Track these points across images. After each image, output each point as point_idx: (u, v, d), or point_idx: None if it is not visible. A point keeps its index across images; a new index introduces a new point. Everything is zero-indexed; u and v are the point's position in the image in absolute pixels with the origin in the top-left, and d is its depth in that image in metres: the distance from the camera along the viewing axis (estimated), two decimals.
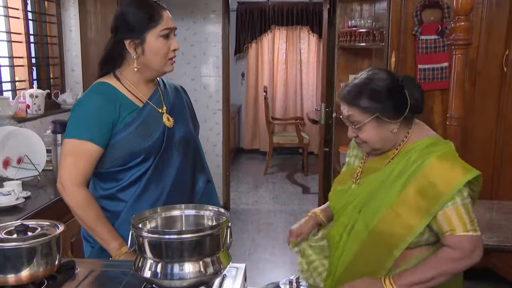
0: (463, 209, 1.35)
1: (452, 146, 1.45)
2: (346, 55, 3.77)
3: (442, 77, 2.97)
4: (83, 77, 3.79)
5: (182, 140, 1.61)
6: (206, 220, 1.20)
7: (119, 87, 1.54)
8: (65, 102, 3.58)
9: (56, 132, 2.40)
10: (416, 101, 1.45)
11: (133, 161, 1.51)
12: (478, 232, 1.37)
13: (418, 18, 2.94)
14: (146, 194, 1.53)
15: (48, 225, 1.19)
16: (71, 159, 1.46)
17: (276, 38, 7.27)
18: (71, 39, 3.81)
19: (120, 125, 1.49)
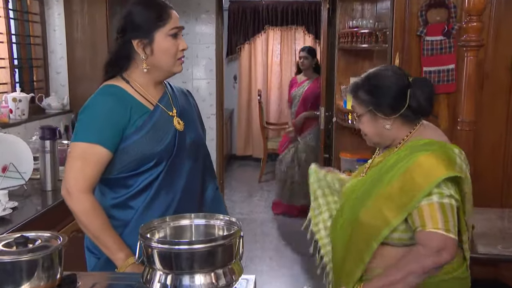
0: (438, 207, 1.38)
1: (447, 148, 1.49)
2: (346, 57, 3.81)
3: (449, 80, 3.01)
4: (69, 80, 3.79)
5: (193, 144, 1.64)
6: (217, 229, 1.21)
7: (128, 90, 1.55)
8: (50, 106, 3.57)
9: (44, 138, 2.39)
10: (418, 103, 1.52)
11: (145, 166, 1.52)
12: (452, 235, 1.37)
13: (423, 18, 2.98)
14: (157, 201, 1.54)
15: (49, 236, 1.19)
16: (78, 163, 1.47)
17: (270, 39, 7.31)
18: (55, 39, 3.81)
19: (131, 129, 1.50)
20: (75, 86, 3.78)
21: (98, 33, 3.71)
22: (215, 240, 1.10)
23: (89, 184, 1.47)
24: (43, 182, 2.45)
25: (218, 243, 1.10)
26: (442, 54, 2.99)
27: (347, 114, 3.53)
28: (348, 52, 3.76)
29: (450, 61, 2.98)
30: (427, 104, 1.53)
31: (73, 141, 1.51)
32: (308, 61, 4.76)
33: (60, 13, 3.77)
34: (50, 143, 2.40)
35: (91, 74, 3.74)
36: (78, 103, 3.74)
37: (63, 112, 3.66)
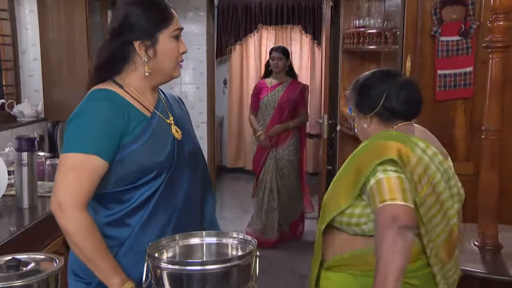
0: (385, 181, 1.48)
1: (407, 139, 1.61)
2: (351, 60, 3.86)
3: (466, 84, 3.07)
4: (43, 84, 3.77)
5: (191, 154, 1.65)
6: (230, 249, 1.21)
7: (123, 95, 1.56)
8: (22, 114, 3.56)
9: (21, 150, 2.38)
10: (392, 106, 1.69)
11: (144, 178, 1.53)
12: (398, 201, 1.43)
13: (437, 17, 3.03)
14: (155, 217, 1.54)
15: (43, 259, 1.19)
16: (72, 176, 1.46)
17: (263, 39, 7.37)
18: (27, 39, 3.80)
19: (128, 137, 1.51)
20: (50, 92, 3.77)
21: (76, 32, 3.71)
22: (230, 260, 1.11)
23: (85, 199, 1.46)
24: (19, 198, 2.43)
25: (234, 263, 1.11)
26: (459, 56, 3.04)
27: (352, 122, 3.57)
28: (353, 54, 3.81)
29: (467, 63, 3.04)
30: (404, 107, 1.69)
31: (65, 152, 1.49)
32: (282, 62, 4.56)
33: (33, 10, 3.77)
34: (28, 155, 2.39)
35: (68, 78, 3.74)
36: (53, 110, 3.74)
37: (37, 121, 3.64)
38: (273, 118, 4.52)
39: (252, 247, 1.17)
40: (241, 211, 5.79)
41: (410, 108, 1.71)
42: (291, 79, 4.60)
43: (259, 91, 4.68)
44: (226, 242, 1.23)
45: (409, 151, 1.55)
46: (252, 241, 1.19)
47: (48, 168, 2.79)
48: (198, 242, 1.23)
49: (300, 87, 4.58)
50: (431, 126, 3.05)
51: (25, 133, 3.43)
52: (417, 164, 1.55)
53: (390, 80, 1.72)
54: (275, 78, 4.60)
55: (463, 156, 3.16)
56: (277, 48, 4.63)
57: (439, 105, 3.12)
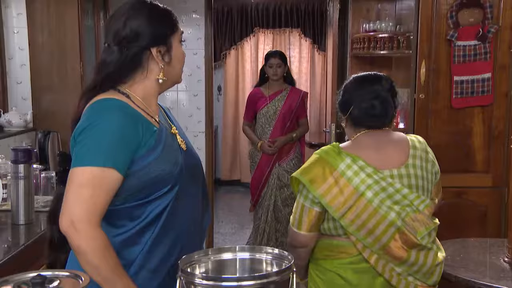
0: (295, 205, 2.03)
1: (329, 154, 1.96)
2: (360, 65, 3.90)
3: (484, 91, 3.12)
4: (32, 91, 3.78)
5: (195, 166, 1.69)
6: (264, 265, 1.24)
7: (132, 105, 1.57)
8: (10, 123, 3.56)
9: (17, 162, 2.39)
10: (355, 113, 2.01)
11: (158, 192, 1.54)
12: (294, 228, 2.03)
13: (453, 20, 3.10)
14: (166, 234, 1.56)
15: (68, 275, 1.20)
16: (88, 192, 1.44)
17: (260, 44, 7.43)
18: (15, 43, 3.82)
19: (143, 150, 1.52)
20: (40, 99, 3.77)
21: (68, 35, 3.73)
22: (268, 276, 1.13)
23: (99, 216, 1.46)
24: (15, 214, 2.44)
25: (271, 279, 1.13)
26: (476, 61, 3.10)
27: None
28: (363, 59, 3.86)
29: (485, 69, 3.10)
30: (365, 118, 2.00)
31: (77, 165, 1.48)
32: (281, 69, 4.42)
33: (21, 12, 3.78)
34: (25, 167, 2.39)
35: (59, 85, 3.75)
36: (43, 119, 3.74)
37: (26, 130, 3.65)
38: (275, 130, 4.42)
39: (289, 263, 1.19)
40: (239, 226, 5.81)
41: (370, 120, 2.00)
42: (289, 86, 4.50)
43: (255, 101, 4.52)
44: (260, 257, 1.25)
45: (331, 165, 1.93)
46: (288, 257, 1.21)
47: (43, 181, 2.80)
48: (231, 257, 1.25)
49: (300, 95, 4.50)
50: (447, 135, 3.17)
51: (13, 144, 3.43)
52: (341, 176, 1.91)
53: (360, 90, 2.02)
54: (273, 86, 4.47)
55: (481, 167, 3.21)
56: (274, 54, 4.49)
57: (455, 113, 3.17)
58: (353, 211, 1.90)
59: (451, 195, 3.20)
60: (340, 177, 1.91)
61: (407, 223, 1.90)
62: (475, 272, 2.13)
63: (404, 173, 1.95)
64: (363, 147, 1.98)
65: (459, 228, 3.17)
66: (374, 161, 1.93)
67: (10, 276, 1.16)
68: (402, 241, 1.90)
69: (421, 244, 1.90)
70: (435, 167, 2.07)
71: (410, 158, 1.98)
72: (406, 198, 1.91)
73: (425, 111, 3.18)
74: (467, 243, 2.56)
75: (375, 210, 1.89)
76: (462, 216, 3.20)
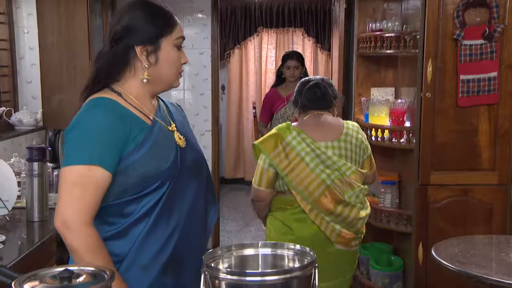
0: (257, 167, 2.60)
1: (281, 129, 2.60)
2: (367, 65, 3.91)
3: (490, 90, 3.13)
4: (42, 90, 3.79)
5: (195, 162, 1.69)
6: (287, 260, 1.25)
7: (122, 103, 1.59)
8: (21, 122, 3.57)
9: (32, 160, 2.40)
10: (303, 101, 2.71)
11: (147, 188, 1.55)
12: (255, 185, 2.60)
13: (460, 20, 3.10)
14: (157, 229, 1.57)
15: (93, 270, 1.21)
16: (77, 191, 1.48)
17: (263, 43, 7.44)
18: (25, 43, 3.83)
19: (130, 146, 1.54)
20: (50, 99, 3.79)
21: (77, 35, 3.75)
22: (291, 271, 1.15)
23: (91, 214, 1.49)
24: (30, 211, 2.45)
25: (294, 274, 1.14)
26: (483, 60, 3.11)
27: (370, 130, 3.62)
28: (368, 59, 3.87)
29: (491, 68, 3.11)
30: (310, 103, 2.69)
31: (65, 165, 1.51)
32: (299, 71, 4.42)
33: (32, 13, 3.79)
34: (39, 165, 2.41)
35: (68, 84, 3.77)
36: (53, 118, 3.76)
37: (36, 129, 3.66)
38: None
39: (311, 258, 1.20)
40: (244, 223, 5.83)
41: (314, 103, 2.68)
42: None
43: (273, 102, 4.45)
44: (282, 253, 1.26)
45: (281, 136, 2.56)
46: (310, 253, 1.22)
47: (55, 179, 2.81)
48: (253, 253, 1.26)
49: None
50: (453, 134, 3.18)
51: (24, 142, 3.45)
52: (287, 145, 2.54)
53: (304, 86, 2.73)
54: (290, 86, 4.32)
55: (487, 165, 3.21)
56: (292, 55, 4.47)
57: (461, 112, 3.18)
58: (295, 171, 2.53)
59: (457, 193, 3.22)
60: (287, 145, 2.55)
61: (335, 183, 2.52)
62: (487, 268, 2.14)
63: (336, 145, 2.58)
64: (307, 125, 2.64)
65: (465, 225, 3.19)
66: (313, 135, 2.58)
67: (38, 271, 1.17)
68: (331, 197, 2.51)
69: (345, 201, 2.52)
70: (363, 144, 2.67)
71: (342, 135, 2.61)
72: (335, 164, 2.53)
73: (432, 110, 3.19)
74: (477, 240, 2.58)
75: (311, 171, 2.52)
76: (468, 214, 3.21)
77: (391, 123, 3.53)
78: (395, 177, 3.69)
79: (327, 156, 2.53)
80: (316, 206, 2.52)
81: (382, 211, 3.51)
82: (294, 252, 1.26)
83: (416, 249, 3.21)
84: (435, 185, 3.21)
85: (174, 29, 1.62)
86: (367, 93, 3.92)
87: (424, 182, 3.21)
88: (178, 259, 1.62)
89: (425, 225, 3.22)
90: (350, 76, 4.16)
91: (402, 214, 3.41)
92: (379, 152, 3.84)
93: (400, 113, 3.48)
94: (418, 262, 3.22)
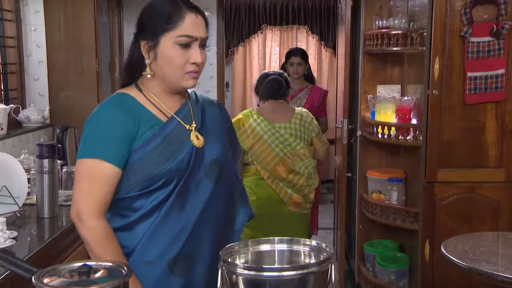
0: None
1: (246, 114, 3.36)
2: (372, 62, 3.90)
3: (497, 87, 3.13)
4: (49, 88, 3.81)
5: (214, 163, 1.66)
6: (303, 256, 1.26)
7: (140, 99, 1.62)
8: (29, 119, 3.58)
9: (42, 157, 2.41)
10: (262, 91, 3.43)
11: (153, 185, 1.56)
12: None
13: (467, 17, 3.10)
14: (165, 226, 1.58)
15: (111, 266, 1.22)
16: (86, 184, 1.53)
17: (267, 41, 7.44)
18: (33, 41, 3.84)
19: (138, 142, 1.55)
20: (57, 96, 3.81)
21: (84, 33, 3.76)
22: (308, 266, 1.15)
23: (100, 207, 1.53)
24: (40, 208, 2.46)
25: (311, 270, 1.14)
26: (490, 58, 3.10)
27: (376, 127, 3.62)
28: (375, 56, 3.86)
29: (499, 65, 3.10)
30: (268, 93, 3.40)
31: (78, 157, 1.57)
32: (302, 67, 4.39)
33: (39, 10, 3.81)
34: (49, 162, 2.42)
35: (75, 82, 3.79)
36: (60, 115, 3.77)
37: (44, 126, 3.67)
38: None
39: (327, 254, 1.21)
40: None
41: (271, 93, 3.39)
42: (310, 84, 4.46)
43: None
44: (298, 249, 1.27)
45: (245, 119, 3.30)
46: (327, 249, 1.23)
47: (64, 176, 2.82)
48: (269, 249, 1.27)
49: (322, 93, 4.45)
50: (460, 131, 3.18)
51: (32, 139, 3.46)
52: (249, 126, 3.26)
53: (264, 79, 3.44)
54: (293, 84, 4.31)
55: (494, 163, 3.21)
56: (296, 52, 4.44)
57: (469, 109, 3.18)
58: (255, 146, 3.27)
59: (464, 190, 3.21)
60: (249, 126, 3.26)
61: (287, 156, 3.28)
62: (497, 265, 2.15)
63: (287, 126, 3.32)
64: (265, 110, 3.38)
65: (472, 222, 3.19)
66: (270, 118, 3.31)
67: (57, 266, 1.18)
68: (284, 167, 3.26)
69: (295, 170, 3.28)
70: (311, 126, 3.40)
71: (293, 119, 3.35)
72: (287, 141, 3.29)
73: (438, 107, 3.18)
74: (486, 237, 2.58)
75: (268, 146, 3.26)
76: (475, 211, 3.21)
77: (398, 121, 3.53)
78: (401, 174, 3.69)
79: (281, 134, 3.29)
80: (272, 174, 3.28)
81: (389, 208, 3.51)
82: (311, 248, 1.26)
83: (423, 246, 3.21)
84: (442, 182, 3.21)
85: (176, 26, 1.55)
86: (373, 91, 3.92)
87: (430, 179, 3.21)
88: (187, 258, 1.62)
89: (432, 222, 3.21)
90: (356, 73, 4.16)
91: (409, 211, 3.41)
92: (385, 149, 3.86)
93: (407, 110, 3.47)
94: (425, 259, 3.22)
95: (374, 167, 3.90)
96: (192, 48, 1.57)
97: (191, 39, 1.57)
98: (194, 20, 1.58)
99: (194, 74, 1.60)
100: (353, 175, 4.23)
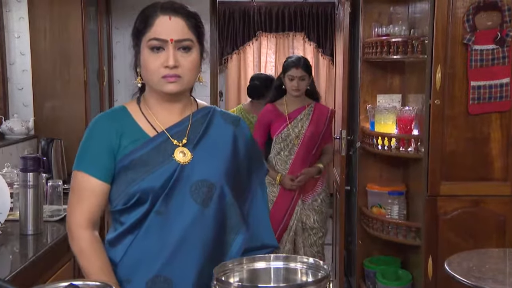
0: None
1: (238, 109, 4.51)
2: (372, 70, 3.92)
3: (502, 96, 3.14)
4: (34, 98, 3.80)
5: (202, 184, 1.59)
6: (299, 274, 1.25)
7: (133, 112, 1.65)
8: (12, 130, 3.57)
9: (26, 170, 2.40)
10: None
11: (130, 201, 1.58)
12: None
13: (470, 24, 3.12)
14: (145, 244, 1.57)
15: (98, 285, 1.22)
16: (75, 196, 1.62)
17: (263, 48, 7.46)
18: (16, 48, 3.84)
19: (119, 156, 1.60)
20: (42, 106, 3.80)
21: (71, 41, 3.76)
22: (305, 285, 1.15)
23: (88, 218, 1.59)
24: (23, 224, 2.44)
25: None
26: (494, 66, 3.12)
27: (376, 138, 3.63)
28: (374, 64, 3.88)
29: (504, 74, 3.12)
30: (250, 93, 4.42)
31: (72, 169, 1.65)
32: (305, 82, 3.66)
33: (23, 17, 3.81)
34: (34, 176, 2.40)
35: (61, 91, 3.78)
36: (45, 126, 3.77)
37: (28, 138, 3.66)
38: (297, 159, 3.65)
39: (325, 272, 1.21)
40: None
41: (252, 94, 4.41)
42: (313, 102, 3.77)
43: (269, 120, 3.72)
44: (295, 266, 1.26)
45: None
46: (325, 266, 1.22)
47: (49, 191, 2.81)
48: (265, 267, 1.26)
49: (328, 114, 3.81)
50: (464, 142, 3.19)
51: (16, 152, 3.45)
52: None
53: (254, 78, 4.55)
54: (292, 101, 3.72)
55: (499, 175, 3.21)
56: (297, 63, 3.63)
57: (472, 119, 3.18)
58: None
59: (469, 204, 3.21)
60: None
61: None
62: (505, 284, 2.14)
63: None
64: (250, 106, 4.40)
65: (476, 238, 3.18)
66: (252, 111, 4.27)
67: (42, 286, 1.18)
68: None
69: None
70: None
71: None
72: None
73: (441, 117, 3.19)
74: (491, 253, 2.58)
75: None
76: (480, 226, 3.20)
77: (398, 131, 3.53)
78: (403, 187, 3.70)
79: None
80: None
81: (389, 223, 3.51)
82: (308, 266, 1.26)
83: (425, 263, 3.21)
84: (445, 195, 3.21)
85: (148, 30, 1.56)
86: (372, 100, 3.92)
87: (433, 192, 3.21)
88: (167, 281, 1.57)
89: (435, 237, 3.21)
90: (355, 82, 4.17)
91: (411, 226, 3.41)
92: (385, 161, 3.86)
93: (408, 120, 3.48)
94: (428, 276, 3.21)
95: (374, 180, 3.90)
96: (165, 51, 1.55)
97: (161, 42, 1.55)
98: (165, 22, 1.55)
99: (170, 78, 1.56)
100: (352, 188, 4.22)
